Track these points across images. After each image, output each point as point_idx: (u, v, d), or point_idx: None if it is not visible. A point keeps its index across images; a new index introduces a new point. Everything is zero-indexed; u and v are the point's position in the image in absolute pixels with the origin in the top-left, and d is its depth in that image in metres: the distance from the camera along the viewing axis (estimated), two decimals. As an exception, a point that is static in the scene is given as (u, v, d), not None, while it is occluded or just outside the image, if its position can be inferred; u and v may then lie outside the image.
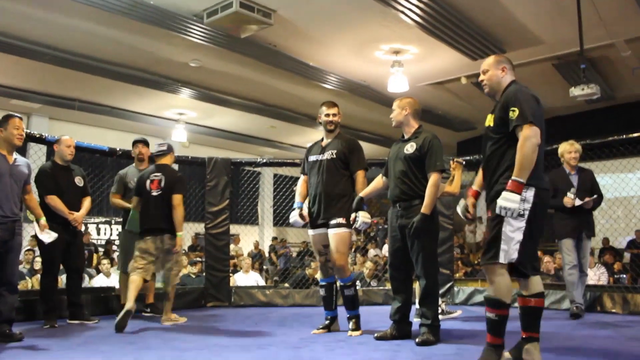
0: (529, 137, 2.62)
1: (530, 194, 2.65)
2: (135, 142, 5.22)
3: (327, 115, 3.99)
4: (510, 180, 2.61)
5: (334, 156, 3.89)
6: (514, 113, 2.66)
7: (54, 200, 4.36)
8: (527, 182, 2.62)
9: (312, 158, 4.01)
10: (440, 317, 3.72)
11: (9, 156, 3.75)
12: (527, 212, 2.64)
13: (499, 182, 2.74)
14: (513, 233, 2.64)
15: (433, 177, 3.45)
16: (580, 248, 4.71)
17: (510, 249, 2.64)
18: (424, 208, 3.40)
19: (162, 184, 4.50)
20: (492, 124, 2.83)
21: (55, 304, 4.41)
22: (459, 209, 3.11)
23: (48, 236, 4.03)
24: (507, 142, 2.74)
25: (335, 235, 3.80)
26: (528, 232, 2.65)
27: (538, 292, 2.70)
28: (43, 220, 4.03)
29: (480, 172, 3.04)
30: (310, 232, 3.98)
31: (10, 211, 3.69)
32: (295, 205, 4.04)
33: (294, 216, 3.99)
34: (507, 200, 2.58)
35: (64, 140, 4.59)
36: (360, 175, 3.90)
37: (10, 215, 3.68)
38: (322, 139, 4.06)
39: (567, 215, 4.66)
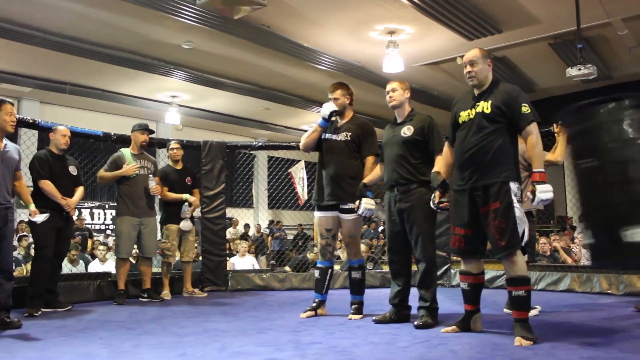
0: (538, 134, 2.87)
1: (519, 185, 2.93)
2: (144, 129, 5.16)
3: (330, 99, 3.96)
4: (537, 173, 2.82)
5: (349, 138, 3.88)
6: (526, 108, 2.87)
7: (47, 185, 4.31)
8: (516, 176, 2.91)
9: (327, 135, 3.96)
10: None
11: None
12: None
13: (500, 174, 2.88)
14: (523, 216, 2.87)
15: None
16: None
17: (525, 230, 2.85)
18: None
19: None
20: (487, 111, 2.93)
21: (42, 291, 4.29)
22: (432, 205, 3.22)
23: (39, 217, 3.98)
24: (504, 132, 2.91)
25: (349, 220, 3.85)
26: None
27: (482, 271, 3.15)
28: (32, 207, 3.98)
29: (443, 160, 3.23)
30: (317, 213, 3.98)
31: (3, 198, 3.62)
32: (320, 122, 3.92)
33: (328, 105, 3.86)
34: (545, 192, 2.77)
35: (60, 130, 4.55)
36: (369, 161, 3.88)
37: (3, 202, 3.62)
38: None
39: None
